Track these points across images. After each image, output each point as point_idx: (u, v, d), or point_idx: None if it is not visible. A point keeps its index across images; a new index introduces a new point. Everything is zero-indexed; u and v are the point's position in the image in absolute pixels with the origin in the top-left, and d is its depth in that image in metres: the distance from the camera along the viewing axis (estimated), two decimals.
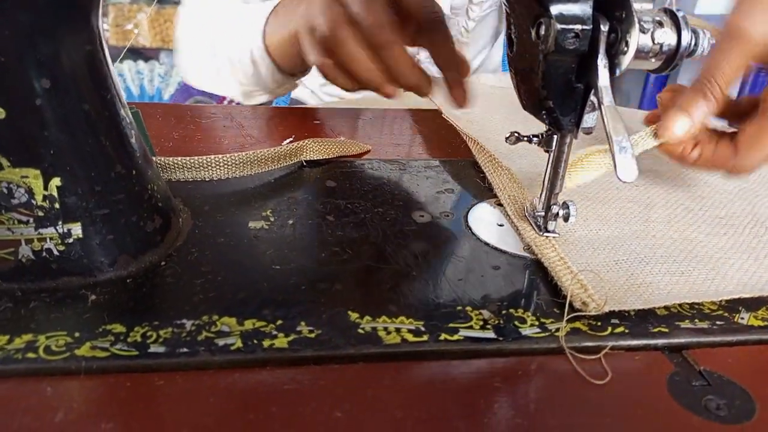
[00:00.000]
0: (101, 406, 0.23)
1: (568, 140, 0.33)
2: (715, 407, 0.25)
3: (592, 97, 0.30)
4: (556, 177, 0.35)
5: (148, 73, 2.01)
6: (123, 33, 1.95)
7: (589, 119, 0.32)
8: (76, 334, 0.26)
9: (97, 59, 0.29)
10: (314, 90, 0.84)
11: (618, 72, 0.28)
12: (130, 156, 0.31)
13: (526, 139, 0.35)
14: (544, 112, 0.32)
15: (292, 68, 0.60)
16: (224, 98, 0.99)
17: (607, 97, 0.28)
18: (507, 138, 0.35)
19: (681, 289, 0.32)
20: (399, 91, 0.45)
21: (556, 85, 0.30)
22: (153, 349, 0.26)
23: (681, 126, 0.35)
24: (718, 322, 0.30)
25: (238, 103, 0.72)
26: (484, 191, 0.42)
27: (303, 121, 0.56)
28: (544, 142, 0.35)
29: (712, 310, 0.31)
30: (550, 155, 0.35)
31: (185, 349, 0.26)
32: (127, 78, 2.01)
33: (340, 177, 0.44)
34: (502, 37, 0.81)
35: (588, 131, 0.32)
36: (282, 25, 0.54)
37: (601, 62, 0.28)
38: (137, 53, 1.99)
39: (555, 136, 0.34)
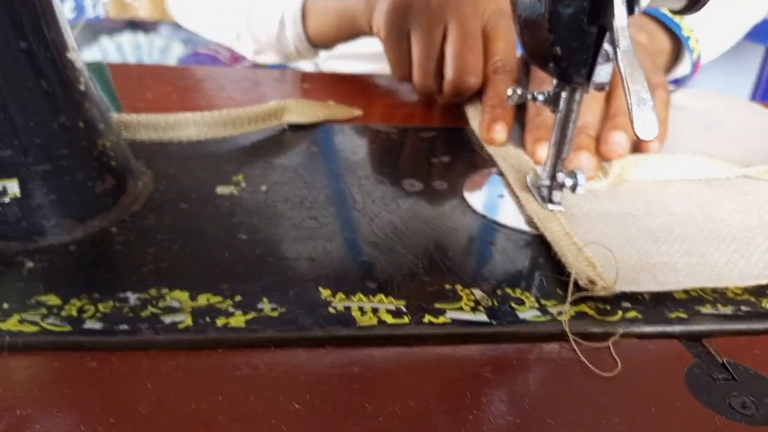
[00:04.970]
0: (20, 390, 0.20)
1: (577, 98, 0.29)
2: (741, 405, 0.22)
3: (606, 45, 0.26)
4: (564, 141, 0.31)
5: (148, 46, 1.96)
6: (123, 5, 1.90)
7: (603, 72, 0.28)
8: (5, 305, 0.23)
9: None
10: (317, 63, 0.80)
11: (638, 10, 0.24)
12: (78, 106, 0.28)
13: (530, 96, 0.31)
14: (551, 63, 0.28)
15: (324, 42, 0.58)
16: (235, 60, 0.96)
17: (624, 41, 0.23)
18: (509, 96, 0.31)
19: (701, 272, 0.28)
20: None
21: (564, 29, 0.25)
22: (88, 324, 0.22)
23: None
24: (743, 308, 0.26)
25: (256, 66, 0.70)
26: (484, 161, 0.38)
27: (292, 85, 0.52)
28: (551, 100, 0.31)
29: (736, 294, 0.27)
30: (557, 115, 0.31)
31: (125, 327, 0.22)
32: (126, 51, 1.97)
33: (325, 142, 0.40)
34: None
35: (601, 87, 0.28)
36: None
37: None
38: (136, 26, 1.94)
39: (563, 94, 0.30)
